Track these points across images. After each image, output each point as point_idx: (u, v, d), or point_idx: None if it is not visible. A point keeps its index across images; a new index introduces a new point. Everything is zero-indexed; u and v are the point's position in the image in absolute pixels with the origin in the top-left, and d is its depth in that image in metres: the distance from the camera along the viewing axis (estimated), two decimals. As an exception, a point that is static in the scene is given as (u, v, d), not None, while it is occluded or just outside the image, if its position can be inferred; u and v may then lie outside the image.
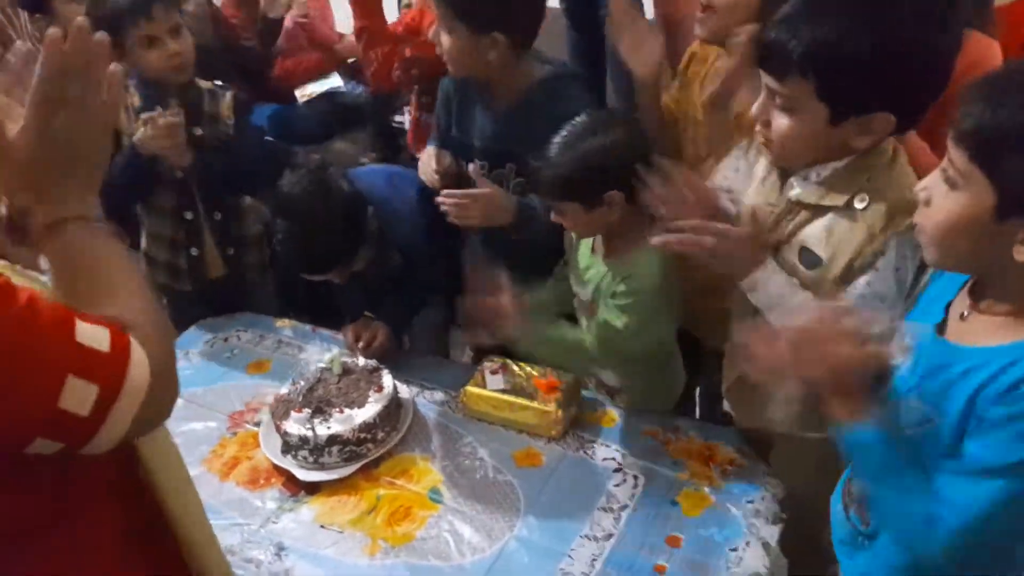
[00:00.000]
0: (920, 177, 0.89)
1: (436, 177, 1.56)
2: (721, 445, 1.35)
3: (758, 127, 1.03)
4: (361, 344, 1.60)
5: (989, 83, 0.76)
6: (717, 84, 1.37)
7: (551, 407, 1.39)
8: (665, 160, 1.16)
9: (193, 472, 1.38)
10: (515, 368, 1.49)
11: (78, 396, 0.61)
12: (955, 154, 0.77)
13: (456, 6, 1.40)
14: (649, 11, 2.19)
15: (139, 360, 0.64)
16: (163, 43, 1.62)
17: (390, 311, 1.68)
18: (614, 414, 1.46)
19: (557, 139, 1.29)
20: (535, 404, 1.40)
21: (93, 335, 0.62)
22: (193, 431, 1.50)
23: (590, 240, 1.44)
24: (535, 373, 1.47)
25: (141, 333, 0.66)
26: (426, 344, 1.93)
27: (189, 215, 1.81)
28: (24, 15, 2.28)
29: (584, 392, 1.50)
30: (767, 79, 0.98)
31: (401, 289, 1.70)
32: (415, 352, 1.80)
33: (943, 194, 0.79)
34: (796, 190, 1.05)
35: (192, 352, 1.76)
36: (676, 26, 1.58)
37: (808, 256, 1.04)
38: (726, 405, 1.54)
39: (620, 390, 1.52)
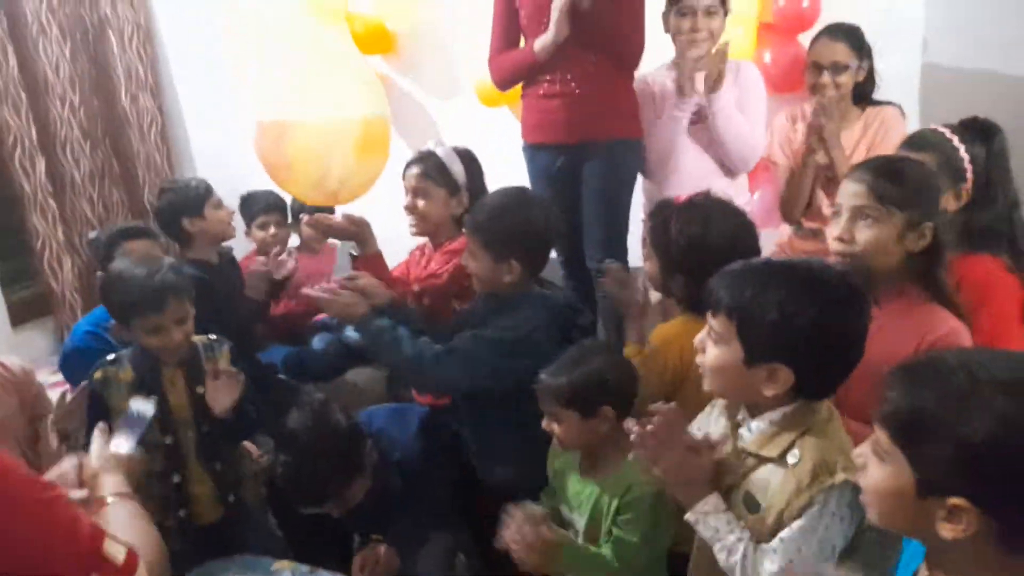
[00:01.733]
0: None
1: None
2: None
3: (698, 356, 1.20)
4: (367, 571, 1.61)
5: (908, 371, 0.85)
6: None
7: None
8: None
9: None
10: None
11: None
12: (879, 432, 0.86)
13: (482, 238, 1.73)
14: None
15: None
16: (167, 332, 1.76)
17: (396, 535, 1.71)
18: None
19: (566, 355, 1.52)
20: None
21: (115, 551, 0.97)
22: None
23: (576, 465, 1.56)
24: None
25: (146, 563, 1.01)
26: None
27: (177, 478, 1.85)
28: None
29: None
30: (708, 314, 1.17)
31: (406, 513, 1.74)
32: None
33: (875, 464, 0.87)
34: (742, 440, 1.19)
35: (192, 599, 1.73)
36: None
37: (750, 500, 1.15)
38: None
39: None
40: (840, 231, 1.43)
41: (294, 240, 3.15)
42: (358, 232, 2.05)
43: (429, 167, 2.07)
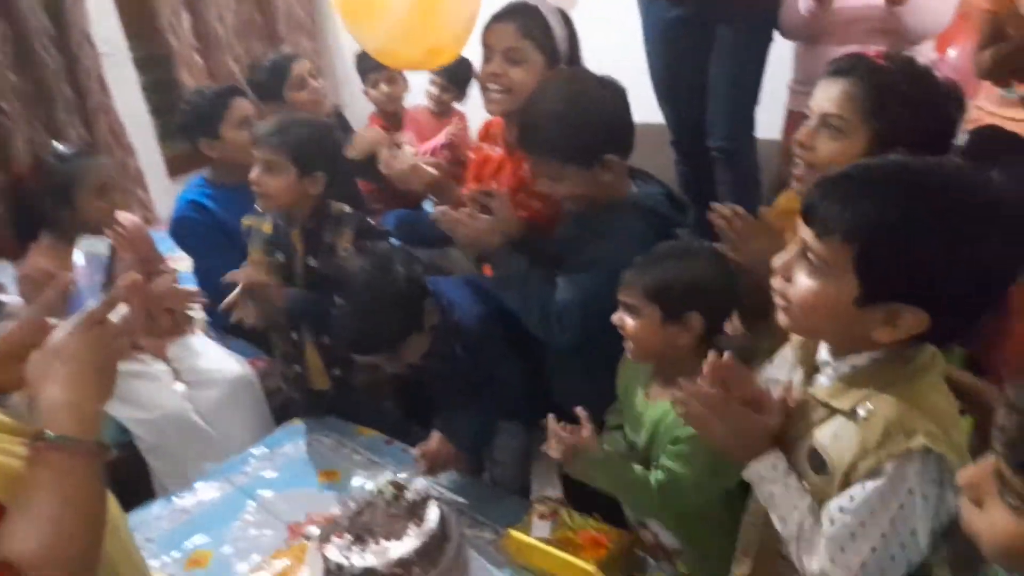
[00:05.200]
0: None
1: None
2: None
3: (776, 281, 0.93)
4: (426, 461, 1.59)
5: None
6: None
7: (590, 566, 1.29)
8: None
9: (238, 583, 1.45)
10: (567, 517, 1.41)
11: None
12: None
13: (561, 155, 1.44)
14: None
15: None
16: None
17: (463, 424, 1.65)
18: (667, 584, 1.33)
19: (665, 246, 1.33)
20: (573, 560, 1.31)
21: None
22: (253, 538, 1.55)
23: (644, 382, 1.38)
24: (587, 526, 1.38)
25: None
26: (507, 470, 1.88)
27: (294, 335, 1.90)
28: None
29: (640, 553, 1.39)
30: (804, 232, 0.89)
31: (475, 400, 1.68)
32: (480, 480, 1.77)
33: None
34: (816, 385, 0.94)
35: (276, 453, 1.84)
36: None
37: (815, 459, 0.92)
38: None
39: (680, 551, 1.39)
40: None
41: (418, 97, 3.03)
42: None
43: (530, 24, 1.64)
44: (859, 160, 1.06)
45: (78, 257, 0.92)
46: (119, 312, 0.86)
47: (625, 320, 1.32)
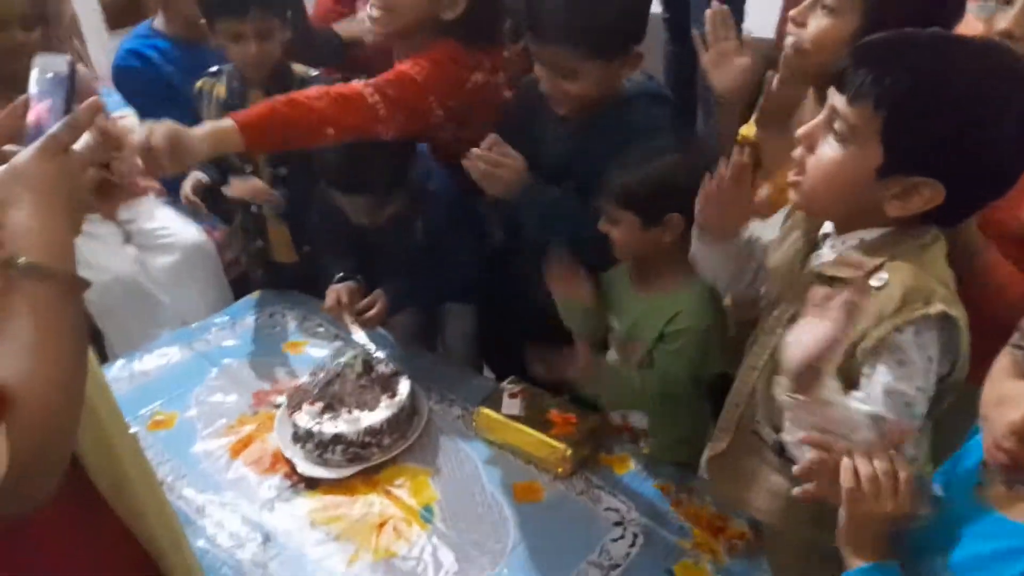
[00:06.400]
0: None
1: None
2: (734, 516, 1.26)
3: (797, 151, 0.93)
4: (359, 306, 1.53)
5: None
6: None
7: (559, 443, 1.33)
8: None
9: (207, 446, 1.45)
10: (535, 396, 1.44)
11: None
12: None
13: (590, 40, 1.29)
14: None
15: None
16: (247, 42, 1.60)
17: (406, 284, 1.62)
18: (631, 461, 1.39)
19: (633, 150, 1.29)
20: (544, 437, 1.35)
21: None
22: (217, 403, 1.54)
23: (627, 275, 1.40)
24: (555, 405, 1.41)
25: (24, 411, 0.62)
26: (459, 352, 1.90)
27: (254, 208, 1.81)
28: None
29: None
30: (835, 98, 0.87)
31: (423, 267, 1.64)
32: (445, 360, 1.78)
33: None
34: (818, 260, 0.96)
35: (239, 323, 1.81)
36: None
37: None
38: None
39: (647, 433, 1.45)
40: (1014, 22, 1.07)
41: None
42: None
43: None
44: (849, 40, 1.06)
45: (33, 77, 0.82)
46: (83, 140, 0.78)
47: (608, 228, 1.32)
